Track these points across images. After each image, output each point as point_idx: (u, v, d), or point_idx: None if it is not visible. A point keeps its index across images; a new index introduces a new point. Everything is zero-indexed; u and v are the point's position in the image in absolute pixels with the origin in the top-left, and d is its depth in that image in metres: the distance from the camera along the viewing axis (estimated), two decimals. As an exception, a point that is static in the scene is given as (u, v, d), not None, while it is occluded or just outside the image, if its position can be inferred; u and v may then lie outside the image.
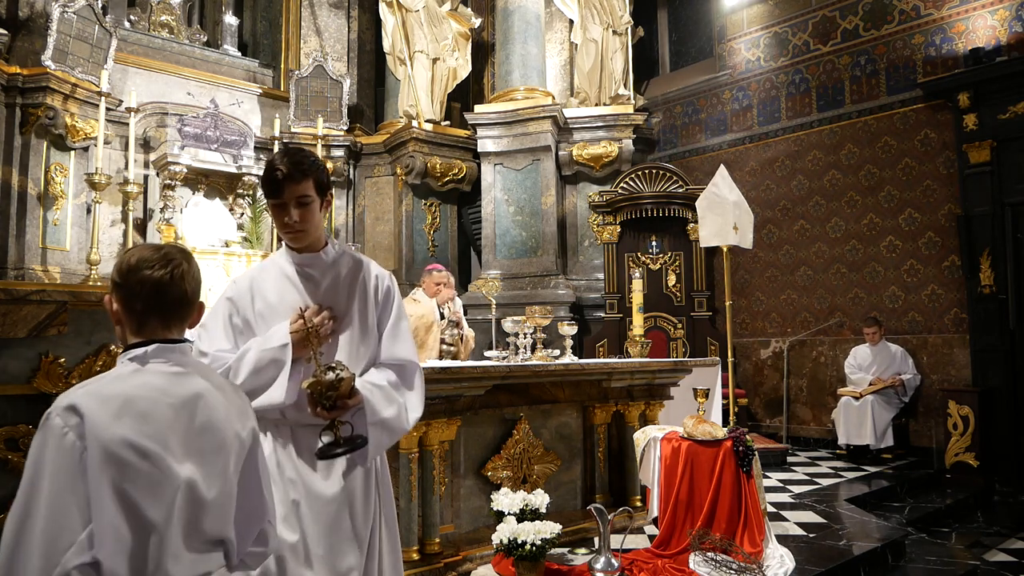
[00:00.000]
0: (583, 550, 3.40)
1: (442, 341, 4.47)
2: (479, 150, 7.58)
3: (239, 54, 8.36)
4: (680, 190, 6.90)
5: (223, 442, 1.32)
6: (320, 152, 7.62)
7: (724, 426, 3.74)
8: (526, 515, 3.18)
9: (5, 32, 6.07)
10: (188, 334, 1.42)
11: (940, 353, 6.42)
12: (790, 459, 6.31)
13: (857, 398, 6.30)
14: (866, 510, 4.46)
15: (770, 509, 4.24)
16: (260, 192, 7.42)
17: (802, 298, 7.40)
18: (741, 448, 3.40)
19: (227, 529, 1.30)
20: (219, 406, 1.34)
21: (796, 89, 7.55)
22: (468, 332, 4.80)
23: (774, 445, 6.44)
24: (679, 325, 6.89)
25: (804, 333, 7.28)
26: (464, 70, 7.96)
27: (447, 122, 8.02)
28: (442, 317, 4.64)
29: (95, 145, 6.29)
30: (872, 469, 5.82)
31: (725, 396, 5.28)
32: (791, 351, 7.38)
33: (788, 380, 7.36)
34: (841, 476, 5.53)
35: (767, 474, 5.46)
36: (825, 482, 5.29)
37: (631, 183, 7.07)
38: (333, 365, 1.61)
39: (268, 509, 1.41)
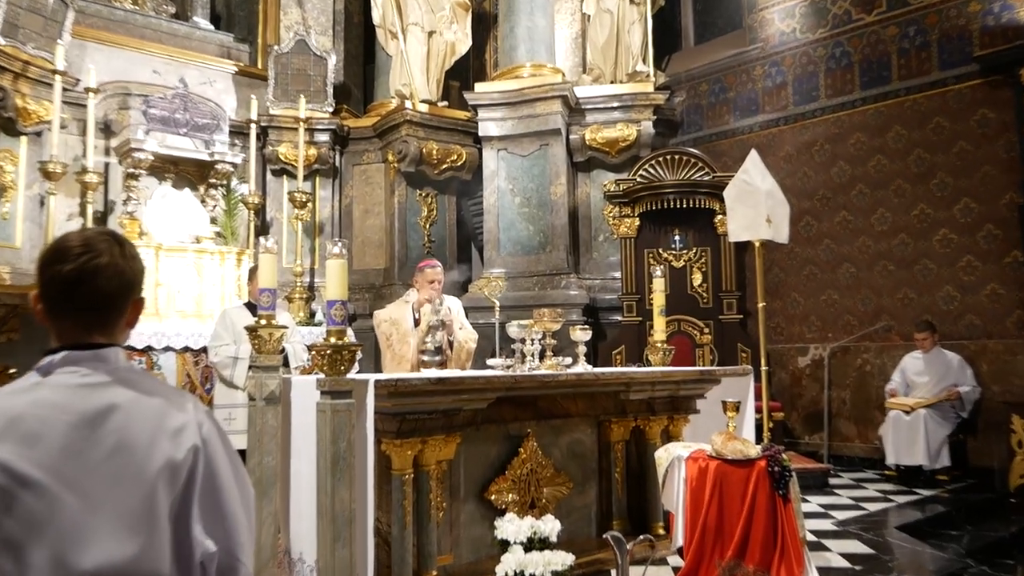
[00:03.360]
0: (599, 584, 3.37)
1: (422, 351, 4.42)
2: (480, 134, 7.57)
3: (211, 27, 8.37)
4: (706, 178, 6.88)
5: (140, 468, 1.21)
6: (302, 137, 7.62)
7: (757, 443, 3.71)
8: (534, 544, 3.16)
9: (-50, 4, 6.08)
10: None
11: (1002, 361, 6.37)
12: (832, 481, 6.27)
13: (908, 412, 6.25)
14: (919, 539, 4.42)
15: (810, 538, 4.21)
16: (236, 182, 7.45)
17: (844, 299, 7.36)
18: (777, 468, 3.38)
19: (159, 570, 1.20)
20: (140, 422, 1.23)
21: (836, 64, 7.52)
22: (466, 335, 4.77)
23: (814, 465, 6.40)
24: (706, 330, 6.86)
25: (847, 339, 7.23)
26: (463, 45, 7.95)
27: (444, 103, 8.02)
28: (416, 323, 4.60)
29: (49, 129, 6.29)
30: (925, 492, 5.78)
31: (758, 410, 5.26)
32: (832, 359, 7.34)
33: (829, 392, 7.31)
34: (890, 500, 5.49)
35: (806, 498, 5.43)
36: (872, 507, 5.25)
37: (651, 170, 7.04)
38: None
39: (234, 545, 1.30)
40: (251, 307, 5.03)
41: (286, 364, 4.93)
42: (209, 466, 1.29)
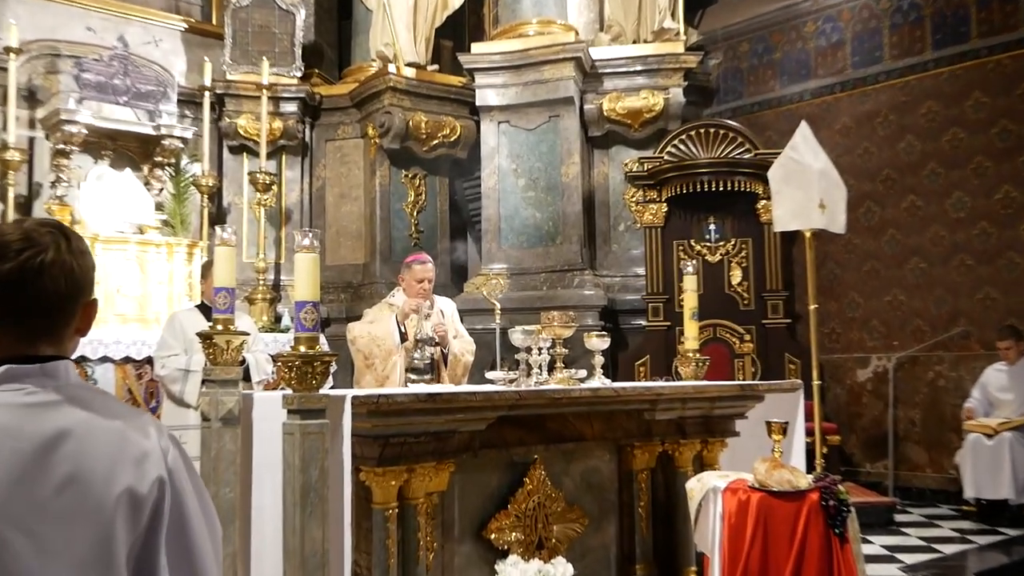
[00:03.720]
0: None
1: (409, 370, 4.43)
2: (478, 103, 7.58)
3: (157, -23, 8.40)
4: (747, 155, 6.88)
5: (98, 504, 1.21)
6: (265, 107, 7.64)
7: (808, 472, 3.72)
8: (542, 592, 3.16)
9: None
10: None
11: (1101, 374, 6.37)
12: (899, 518, 6.27)
13: (990, 436, 6.25)
14: (1003, 587, 4.42)
15: (872, 585, 4.21)
16: (186, 161, 7.47)
17: (913, 300, 7.35)
18: (832, 502, 3.38)
19: None
20: (97, 449, 1.23)
21: (904, 19, 7.51)
22: (462, 346, 4.78)
23: (877, 499, 6.40)
24: (747, 337, 6.86)
25: (916, 348, 7.23)
26: (457, -3, 7.98)
27: (435, 67, 8.03)
28: (403, 338, 4.58)
29: (-35, 98, 6.31)
30: (1012, 532, 5.77)
31: (809, 432, 5.26)
32: (899, 372, 7.34)
33: (895, 411, 7.31)
34: (970, 541, 5.49)
35: (868, 538, 5.42)
36: (948, 549, 5.25)
37: (681, 147, 7.05)
38: None
39: None
40: (205, 310, 5.05)
41: (247, 378, 4.95)
42: (176, 500, 1.30)
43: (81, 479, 1.21)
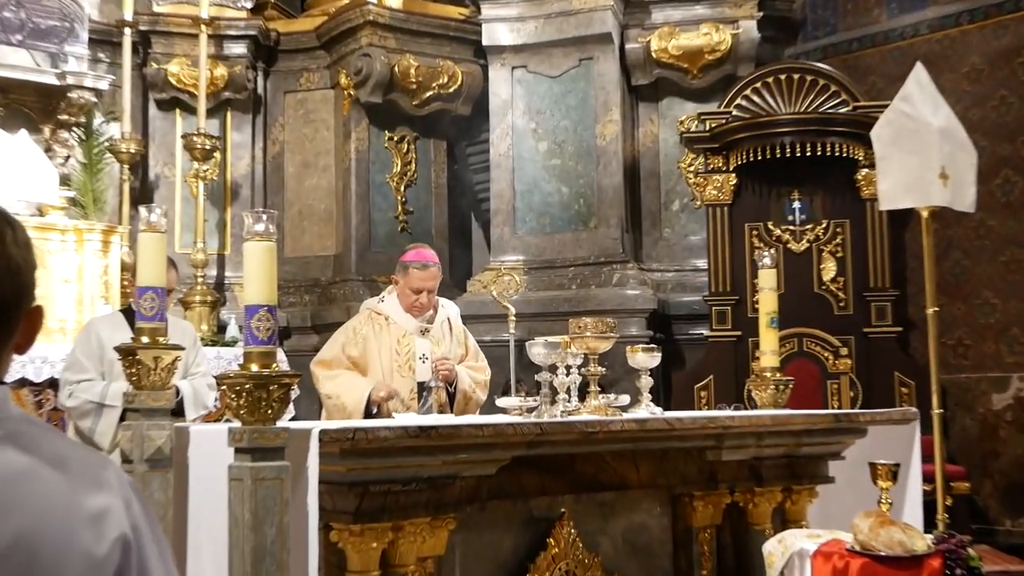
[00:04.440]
0: None
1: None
2: (485, 43, 7.60)
3: None
4: (843, 109, 6.86)
5: (48, 573, 1.23)
6: (205, 49, 7.65)
7: (927, 532, 3.70)
8: None
9: None
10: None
11: None
12: (1048, 591, 6.23)
13: None
14: None
15: None
16: (99, 120, 7.50)
17: (1067, 301, 7.30)
18: (960, 572, 3.37)
19: None
20: (45, 503, 1.25)
21: (1054, -76, 7.46)
22: (473, 378, 4.73)
23: (1020, 567, 6.35)
24: (843, 351, 6.83)
25: (1071, 365, 7.18)
26: (457, -100, 8.00)
27: (428, -7, 8.06)
28: (372, 410, 4.52)
29: None
30: None
31: (929, 477, 5.22)
32: (1048, 397, 7.29)
33: (1043, 449, 7.27)
34: None
35: (1006, 618, 5.40)
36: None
37: (756, 98, 7.03)
38: None
39: None
40: (129, 315, 5.06)
41: (178, 412, 4.95)
42: (142, 563, 1.32)
43: (27, 542, 1.22)
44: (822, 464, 4.30)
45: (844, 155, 6.83)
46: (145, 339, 3.35)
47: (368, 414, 4.47)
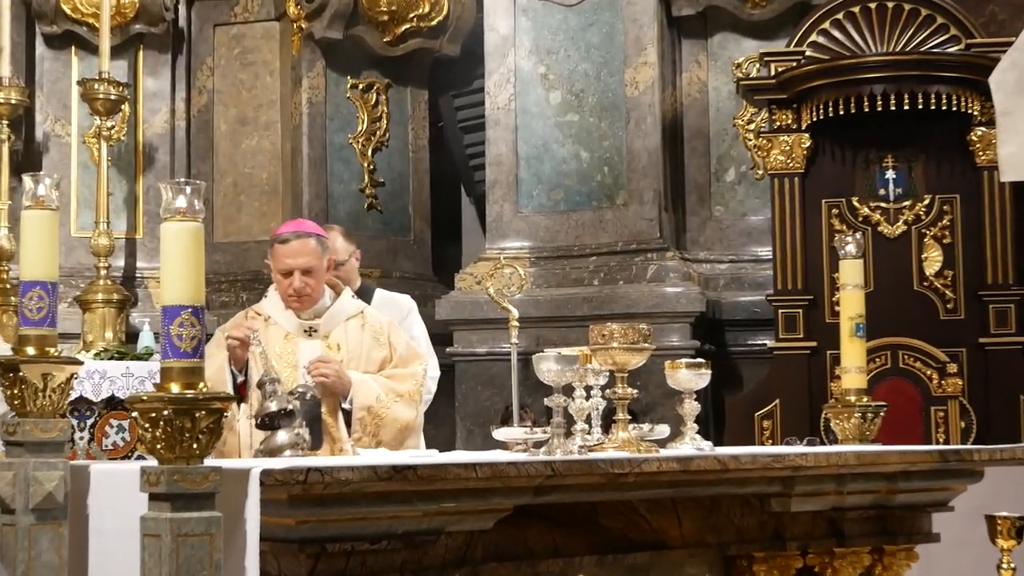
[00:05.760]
0: None
1: (262, 426, 4.34)
2: (478, -41, 7.60)
3: None
4: (952, 48, 6.86)
5: None
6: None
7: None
8: None
9: None
10: None
11: None
12: None
13: None
14: None
15: None
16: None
17: None
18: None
19: None
20: None
21: None
22: (390, 390, 4.59)
23: None
24: (951, 367, 6.83)
25: None
26: None
27: None
28: (239, 393, 4.48)
29: None
30: None
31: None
32: None
33: None
34: None
35: None
36: None
37: (836, 34, 7.04)
38: None
39: None
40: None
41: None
42: None
43: None
44: (923, 517, 4.31)
45: (953, 109, 6.84)
46: (31, 350, 3.35)
47: (236, 385, 4.47)
